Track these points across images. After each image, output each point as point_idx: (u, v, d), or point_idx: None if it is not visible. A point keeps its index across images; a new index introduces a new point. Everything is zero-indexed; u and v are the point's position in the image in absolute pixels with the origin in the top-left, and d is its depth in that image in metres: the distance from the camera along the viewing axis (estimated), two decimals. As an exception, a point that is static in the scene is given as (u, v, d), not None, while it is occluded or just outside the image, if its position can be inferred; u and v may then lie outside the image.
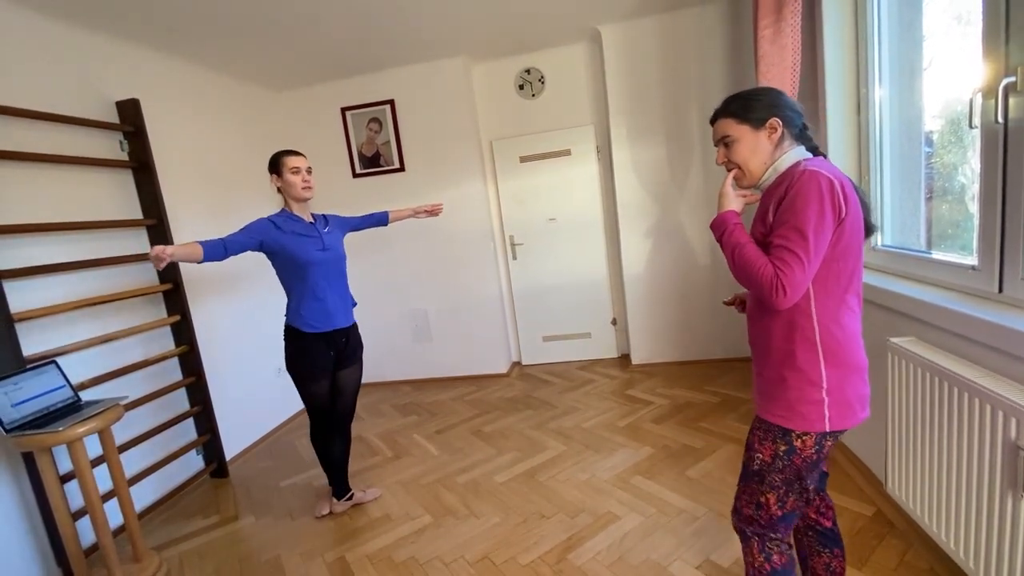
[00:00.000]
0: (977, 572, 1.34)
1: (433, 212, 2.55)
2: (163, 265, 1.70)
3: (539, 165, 3.92)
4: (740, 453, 2.46)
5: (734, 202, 1.22)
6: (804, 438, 1.13)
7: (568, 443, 2.81)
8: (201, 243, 1.88)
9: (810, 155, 1.17)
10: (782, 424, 1.14)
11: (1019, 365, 1.25)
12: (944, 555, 1.61)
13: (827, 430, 1.12)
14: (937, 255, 1.78)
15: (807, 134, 1.20)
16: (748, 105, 1.17)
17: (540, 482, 2.45)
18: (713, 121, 1.24)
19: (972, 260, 1.55)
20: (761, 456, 1.19)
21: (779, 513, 1.20)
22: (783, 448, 1.15)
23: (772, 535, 1.22)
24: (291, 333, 2.15)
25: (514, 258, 4.09)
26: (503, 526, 2.15)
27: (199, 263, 1.90)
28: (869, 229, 1.14)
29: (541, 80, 3.84)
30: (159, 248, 1.69)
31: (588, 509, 2.19)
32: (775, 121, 1.15)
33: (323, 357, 2.17)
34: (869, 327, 1.28)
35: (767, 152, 1.17)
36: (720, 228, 1.19)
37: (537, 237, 4.03)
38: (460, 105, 3.77)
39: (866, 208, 1.13)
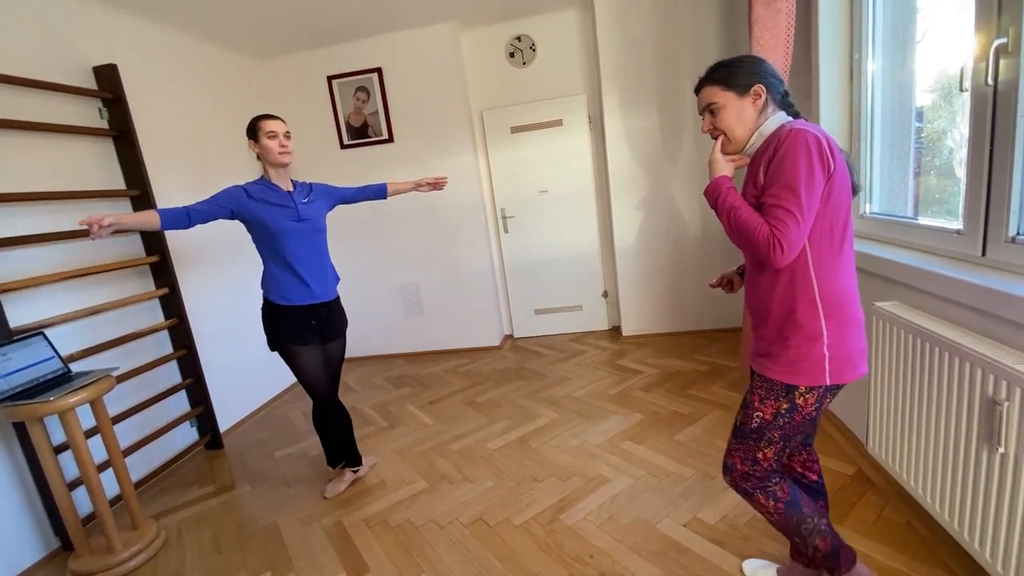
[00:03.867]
0: (952, 523, 1.40)
1: (437, 185, 2.42)
2: (100, 236, 1.58)
3: (530, 136, 3.87)
4: (727, 418, 2.52)
5: (725, 167, 1.24)
6: (807, 395, 1.16)
7: (560, 411, 2.86)
8: (160, 211, 1.82)
9: (791, 119, 1.19)
10: (785, 380, 1.17)
11: (999, 324, 1.28)
12: (921, 509, 1.68)
13: (827, 383, 1.15)
14: (923, 221, 1.80)
15: (788, 100, 1.22)
16: (732, 72, 1.19)
17: (532, 448, 2.50)
18: (698, 90, 1.25)
19: (957, 224, 1.57)
20: (762, 415, 1.22)
21: (774, 465, 1.26)
22: (785, 406, 1.18)
23: (770, 482, 1.27)
24: (268, 308, 2.09)
25: (506, 231, 4.08)
26: (496, 490, 2.20)
27: (158, 231, 1.84)
28: (854, 189, 1.16)
29: (532, 48, 3.77)
30: (95, 216, 1.56)
31: (579, 472, 2.24)
32: (759, 87, 1.17)
33: (305, 326, 2.11)
34: (855, 290, 1.31)
35: (752, 118, 1.19)
36: (714, 194, 1.21)
37: (529, 210, 4.01)
38: (449, 73, 3.70)
39: (850, 168, 1.15)
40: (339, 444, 2.34)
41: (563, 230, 4.01)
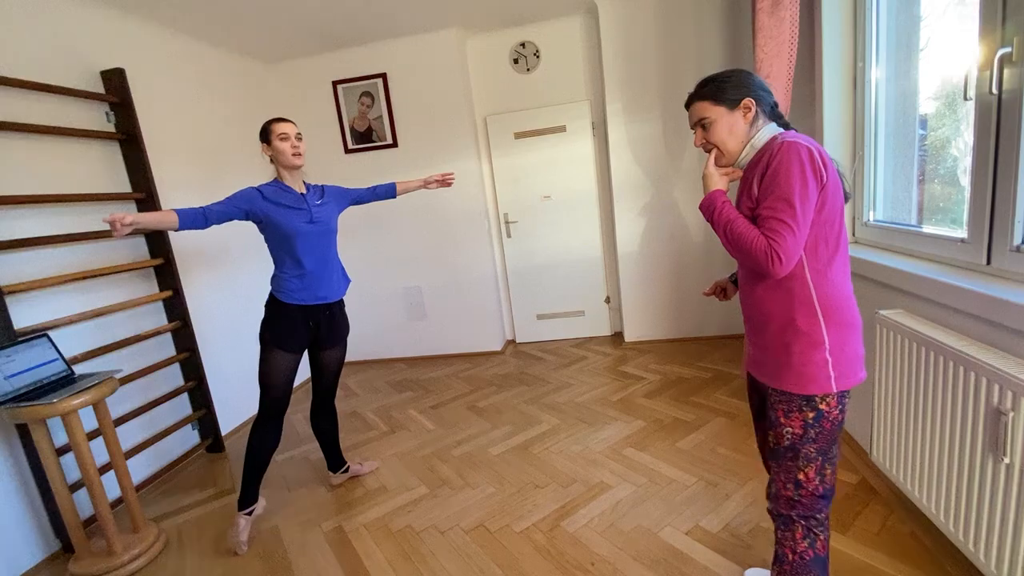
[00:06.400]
0: (957, 534, 1.39)
1: (444, 182, 2.48)
2: (122, 233, 1.60)
3: (534, 142, 3.88)
4: (730, 426, 2.51)
5: (719, 181, 1.25)
6: (827, 399, 1.15)
7: (561, 417, 2.85)
8: (178, 211, 1.84)
9: (782, 130, 1.20)
10: (799, 391, 1.16)
11: (1004, 334, 1.28)
12: (925, 519, 1.67)
13: (834, 391, 1.14)
14: (927, 229, 1.80)
15: (778, 112, 1.24)
16: (721, 87, 1.20)
17: (534, 454, 2.49)
18: (688, 105, 1.26)
19: (962, 233, 1.57)
20: (791, 429, 1.19)
21: (820, 489, 1.21)
22: (811, 415, 1.16)
23: (817, 517, 1.22)
24: (272, 303, 2.09)
25: (508, 236, 4.08)
26: (497, 496, 2.19)
27: (176, 231, 1.86)
28: (845, 196, 1.17)
29: (536, 54, 3.79)
30: (117, 215, 1.59)
31: (581, 479, 2.23)
32: (748, 101, 1.18)
33: (301, 331, 2.09)
34: (858, 300, 1.31)
35: (743, 131, 1.20)
36: (709, 208, 1.22)
37: (531, 215, 4.02)
38: (454, 79, 3.72)
39: (841, 176, 1.16)
40: (325, 448, 2.41)
41: (566, 235, 4.01)
